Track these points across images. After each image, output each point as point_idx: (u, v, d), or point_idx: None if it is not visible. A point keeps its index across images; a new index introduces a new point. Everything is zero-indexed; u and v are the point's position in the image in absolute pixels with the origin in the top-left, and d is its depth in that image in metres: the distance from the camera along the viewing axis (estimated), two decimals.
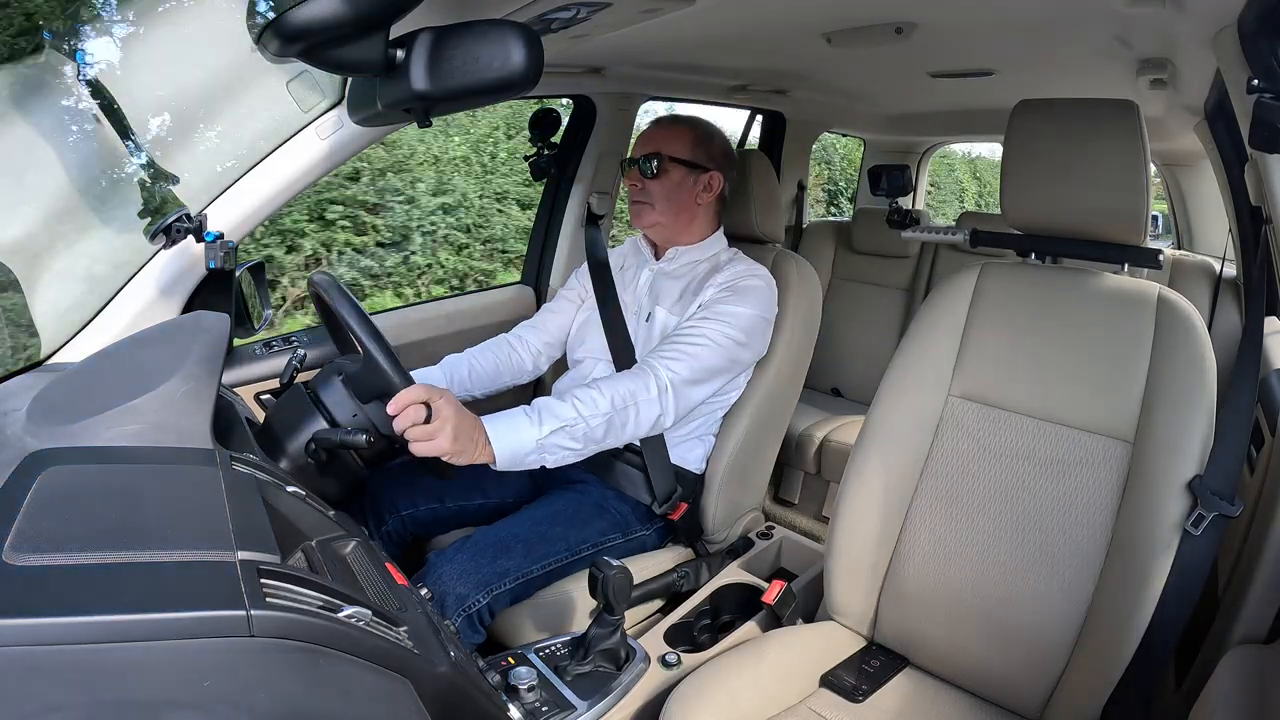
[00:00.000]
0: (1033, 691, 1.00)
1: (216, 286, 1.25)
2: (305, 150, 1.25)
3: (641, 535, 1.35)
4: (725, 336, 1.25)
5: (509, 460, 1.07)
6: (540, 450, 1.09)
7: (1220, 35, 0.92)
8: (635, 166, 1.39)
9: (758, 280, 1.33)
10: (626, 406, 1.16)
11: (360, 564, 0.74)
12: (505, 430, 1.06)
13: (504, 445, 1.06)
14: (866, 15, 1.28)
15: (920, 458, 1.12)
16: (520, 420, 1.08)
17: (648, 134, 1.42)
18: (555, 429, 1.09)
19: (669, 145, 1.38)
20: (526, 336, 1.51)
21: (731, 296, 1.30)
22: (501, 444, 1.05)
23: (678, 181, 1.38)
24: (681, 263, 1.43)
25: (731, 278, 1.33)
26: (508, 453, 1.06)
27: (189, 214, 1.18)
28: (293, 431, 1.01)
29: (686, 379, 1.22)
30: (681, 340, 1.25)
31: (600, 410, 1.13)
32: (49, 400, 0.82)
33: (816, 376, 2.20)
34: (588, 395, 1.14)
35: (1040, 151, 1.05)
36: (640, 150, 1.40)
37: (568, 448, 1.12)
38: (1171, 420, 0.94)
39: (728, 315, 1.27)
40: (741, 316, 1.28)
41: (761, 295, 1.32)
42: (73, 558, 0.51)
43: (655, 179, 1.37)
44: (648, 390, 1.18)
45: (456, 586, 1.11)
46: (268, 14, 0.65)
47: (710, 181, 1.41)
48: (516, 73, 0.71)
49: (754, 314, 1.30)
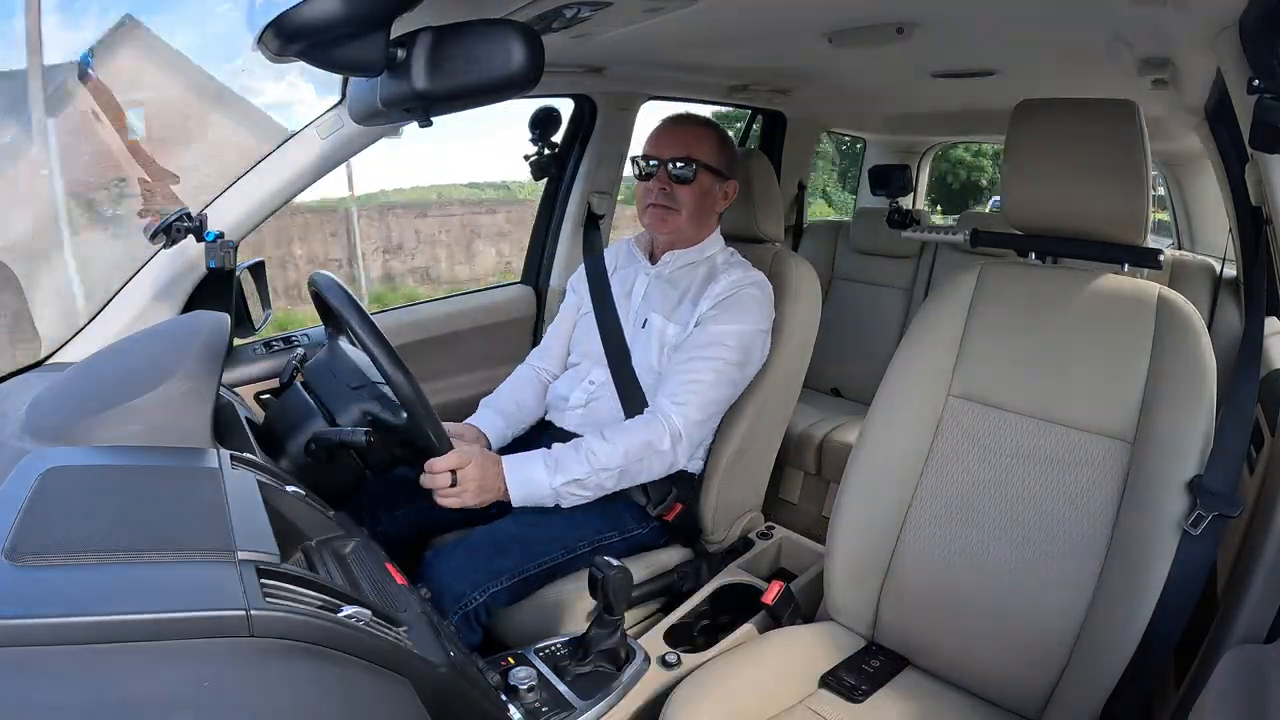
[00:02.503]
0: (1032, 691, 1.00)
1: (216, 286, 1.25)
2: (306, 150, 1.25)
3: (638, 533, 1.35)
4: (725, 364, 1.27)
5: (523, 502, 1.17)
6: (555, 496, 1.18)
7: (1221, 35, 0.92)
8: (663, 168, 1.32)
9: (753, 290, 1.31)
10: (640, 459, 1.22)
11: (360, 564, 0.74)
12: (523, 479, 1.16)
13: (520, 493, 1.16)
14: (868, 15, 1.27)
15: (920, 458, 1.12)
16: (538, 470, 1.17)
17: (674, 133, 1.34)
18: (568, 481, 1.17)
19: (699, 149, 1.32)
20: (543, 366, 1.53)
21: (726, 315, 1.28)
22: (518, 491, 1.16)
23: (707, 188, 1.34)
24: (677, 266, 1.40)
25: (728, 288, 1.31)
26: (522, 497, 1.17)
27: (189, 213, 1.18)
28: (293, 431, 1.01)
29: (697, 420, 1.26)
30: (688, 377, 1.26)
31: (613, 465, 1.19)
32: (49, 400, 0.82)
33: (816, 376, 2.20)
34: (603, 449, 1.19)
35: (1041, 151, 1.05)
36: (669, 151, 1.32)
37: (579, 495, 1.20)
38: (1171, 420, 0.94)
39: (725, 338, 1.27)
40: (737, 336, 1.28)
41: (756, 307, 1.30)
42: (73, 558, 0.51)
43: (687, 186, 1.32)
44: (662, 443, 1.23)
45: (453, 585, 1.11)
46: (268, 13, 0.65)
47: (729, 190, 1.39)
48: (517, 72, 0.71)
49: (750, 329, 1.29)
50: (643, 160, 1.36)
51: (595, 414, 1.38)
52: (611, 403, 1.36)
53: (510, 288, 2.04)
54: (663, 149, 1.34)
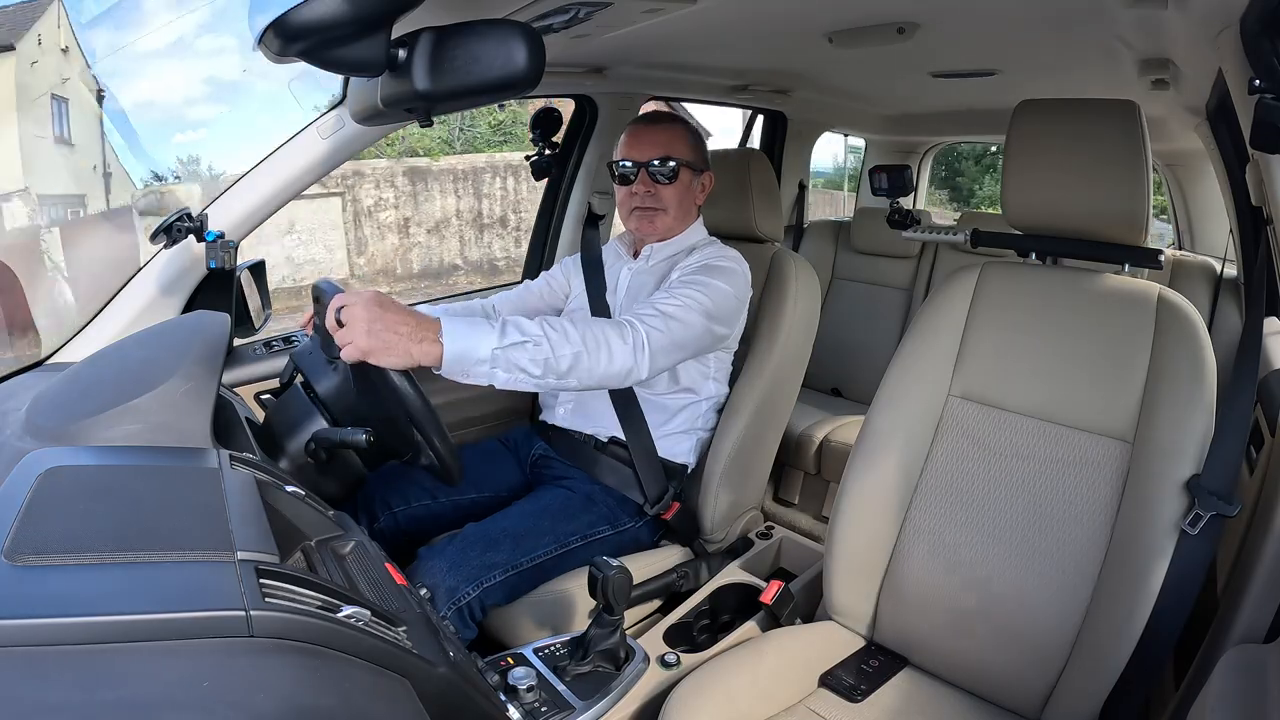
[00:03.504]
0: (1032, 691, 1.00)
1: (216, 286, 1.25)
2: (306, 150, 1.25)
3: (631, 528, 1.35)
4: (699, 304, 1.20)
5: (455, 362, 0.96)
6: (493, 362, 0.98)
7: (1222, 35, 0.92)
8: (643, 170, 1.33)
9: (729, 261, 1.30)
10: (599, 347, 1.06)
11: (360, 564, 0.74)
12: (463, 331, 0.96)
13: (456, 346, 0.95)
14: (868, 15, 1.27)
15: (920, 457, 1.12)
16: (482, 326, 0.98)
17: (648, 135, 1.35)
18: (517, 342, 0.99)
19: (675, 147, 1.33)
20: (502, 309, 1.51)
21: (704, 272, 1.26)
22: (454, 343, 0.95)
23: (687, 185, 1.36)
24: (659, 259, 1.41)
25: (703, 258, 1.31)
26: (457, 353, 0.95)
27: (189, 214, 1.18)
28: (293, 431, 1.01)
29: (661, 344, 1.14)
30: (658, 303, 1.18)
31: (570, 340, 1.03)
32: (49, 400, 0.82)
33: (816, 376, 2.20)
34: (560, 324, 1.04)
35: (1041, 151, 1.05)
36: (647, 152, 1.33)
37: (525, 370, 1.00)
38: (1171, 420, 0.94)
39: (700, 284, 1.22)
40: (714, 289, 1.22)
41: (733, 275, 1.28)
42: (73, 558, 0.51)
43: (670, 184, 1.33)
44: (623, 340, 1.09)
45: (446, 579, 1.12)
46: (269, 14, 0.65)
47: (705, 182, 1.40)
48: (518, 72, 0.71)
49: (727, 290, 1.24)
50: (620, 164, 1.35)
51: (585, 410, 1.40)
52: (601, 398, 1.37)
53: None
54: (640, 151, 1.34)
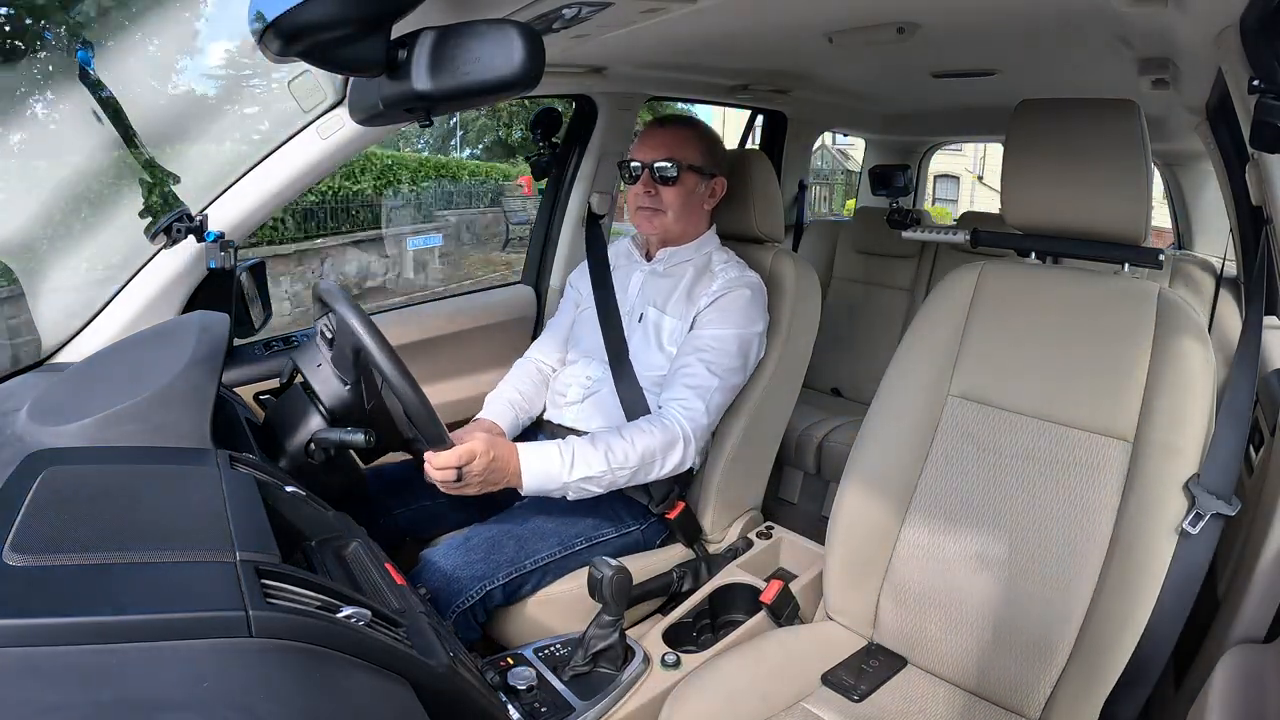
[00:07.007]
0: (1032, 691, 1.00)
1: (216, 286, 1.25)
2: (306, 150, 1.25)
3: (635, 530, 1.35)
4: (727, 369, 1.30)
5: (534, 492, 1.17)
6: (564, 489, 1.17)
7: (1222, 35, 0.92)
8: (647, 171, 1.35)
9: (746, 291, 1.33)
10: (653, 462, 1.23)
11: (360, 564, 0.74)
12: (538, 468, 1.15)
13: (534, 483, 1.15)
14: (868, 15, 1.27)
15: (920, 457, 1.12)
16: (553, 460, 1.16)
17: (656, 136, 1.38)
18: (584, 477, 1.17)
19: (682, 150, 1.35)
20: (541, 359, 1.54)
21: (723, 319, 1.31)
22: (531, 481, 1.15)
23: (692, 188, 1.37)
24: (672, 264, 1.42)
25: (724, 287, 1.33)
26: (535, 486, 1.16)
27: (189, 214, 1.18)
28: (293, 431, 1.01)
29: (704, 425, 1.29)
30: (692, 381, 1.28)
31: (629, 465, 1.20)
32: (49, 400, 0.82)
33: (816, 376, 2.20)
34: (621, 448, 1.20)
35: (1041, 151, 1.05)
36: (652, 154, 1.36)
37: (589, 490, 1.20)
38: (1171, 420, 0.94)
39: (724, 342, 1.30)
40: (735, 340, 1.31)
41: (750, 310, 1.33)
42: (73, 558, 0.51)
43: (671, 186, 1.35)
44: (675, 447, 1.24)
45: (450, 582, 1.12)
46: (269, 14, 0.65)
47: (716, 187, 1.41)
48: (518, 72, 0.71)
49: (747, 333, 1.32)
50: (629, 163, 1.40)
51: (593, 410, 1.39)
52: (609, 399, 1.36)
53: (510, 288, 2.04)
54: (646, 152, 1.37)
